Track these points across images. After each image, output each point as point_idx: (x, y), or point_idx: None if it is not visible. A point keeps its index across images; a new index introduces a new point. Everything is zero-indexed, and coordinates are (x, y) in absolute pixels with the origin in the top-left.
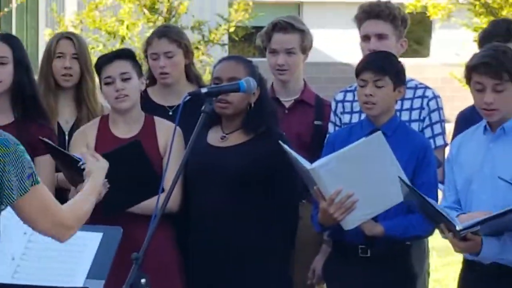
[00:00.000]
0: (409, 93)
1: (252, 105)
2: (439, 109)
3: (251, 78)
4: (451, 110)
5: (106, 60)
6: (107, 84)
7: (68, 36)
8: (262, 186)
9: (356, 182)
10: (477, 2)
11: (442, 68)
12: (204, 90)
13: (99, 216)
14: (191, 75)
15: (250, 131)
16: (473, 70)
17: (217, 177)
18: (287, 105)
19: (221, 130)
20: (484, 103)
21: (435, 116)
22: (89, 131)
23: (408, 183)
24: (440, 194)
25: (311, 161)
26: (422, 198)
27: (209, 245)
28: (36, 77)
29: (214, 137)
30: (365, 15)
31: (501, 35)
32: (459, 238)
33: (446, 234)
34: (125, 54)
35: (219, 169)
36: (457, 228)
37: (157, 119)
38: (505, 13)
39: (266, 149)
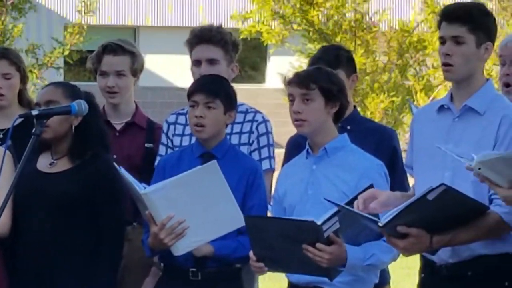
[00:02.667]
0: (239, 117)
1: (73, 128)
2: (268, 133)
3: (83, 101)
4: (285, 135)
5: None
6: None
7: None
8: (87, 212)
9: (189, 208)
10: (311, 29)
11: (277, 94)
12: (35, 112)
13: None
14: (24, 100)
15: (76, 157)
16: (287, 84)
17: (41, 203)
18: (118, 127)
19: (51, 155)
20: (293, 112)
21: (263, 140)
22: None
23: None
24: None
25: (142, 183)
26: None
27: (33, 271)
28: None
29: (43, 163)
30: (196, 40)
31: (330, 61)
32: (325, 242)
33: (310, 249)
34: None
35: (43, 195)
36: (318, 223)
37: None
38: (338, 39)
39: (92, 174)
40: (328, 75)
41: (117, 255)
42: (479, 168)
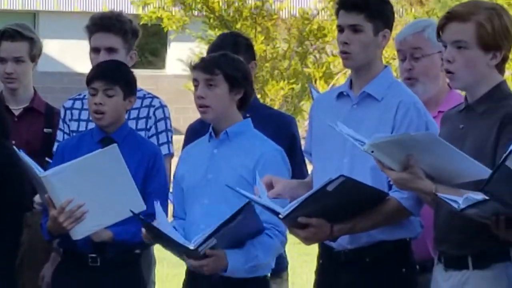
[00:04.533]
0: (137, 103)
1: None
2: (165, 118)
3: None
4: (185, 122)
5: None
6: None
7: None
8: None
9: (88, 192)
10: (212, 15)
11: (177, 80)
12: None
13: None
14: None
15: None
16: (192, 68)
17: None
18: (16, 113)
19: None
20: (197, 98)
21: (161, 126)
22: None
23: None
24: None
25: (42, 169)
26: (157, 230)
27: None
28: None
29: None
30: (96, 27)
31: (228, 48)
32: (201, 257)
33: (188, 261)
34: None
35: None
36: (191, 247)
37: None
38: (239, 26)
39: None
40: (233, 61)
41: (15, 242)
42: (372, 151)
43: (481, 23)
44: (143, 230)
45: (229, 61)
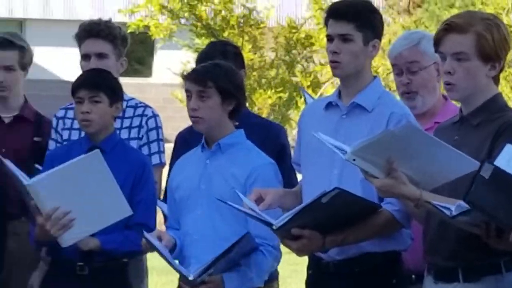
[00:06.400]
0: (129, 112)
1: None
2: (157, 128)
3: None
4: (172, 130)
5: None
6: None
7: None
8: None
9: (74, 199)
10: (199, 24)
11: (164, 88)
12: None
13: None
14: None
15: None
16: (184, 79)
17: None
18: (6, 121)
19: None
20: (189, 109)
21: (153, 135)
22: None
23: None
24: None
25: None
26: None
27: None
28: None
29: None
30: (85, 34)
31: (217, 57)
32: (198, 284)
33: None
34: None
35: None
36: (190, 278)
37: None
38: (226, 34)
39: None
40: (226, 72)
41: None
42: (354, 159)
43: (481, 34)
44: (144, 241)
45: (221, 72)
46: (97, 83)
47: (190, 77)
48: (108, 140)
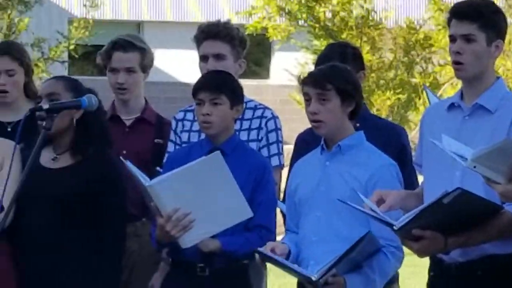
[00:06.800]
0: (248, 114)
1: (75, 122)
2: (277, 129)
3: (94, 96)
4: (290, 132)
5: None
6: None
7: None
8: (89, 208)
9: (194, 200)
10: (317, 25)
11: (281, 90)
12: (45, 106)
13: None
14: (30, 92)
15: (78, 152)
16: (302, 83)
17: (44, 199)
18: (128, 123)
19: (53, 150)
20: (309, 113)
21: (272, 137)
22: None
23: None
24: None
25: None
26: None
27: (36, 268)
28: None
29: (46, 158)
30: (203, 35)
31: (337, 58)
32: (322, 286)
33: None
34: None
35: (46, 192)
36: (313, 278)
37: None
38: (344, 36)
39: (95, 170)
40: (343, 74)
41: (119, 250)
42: (474, 166)
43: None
44: (257, 258)
45: (339, 74)
46: (218, 85)
47: (309, 81)
48: (229, 142)
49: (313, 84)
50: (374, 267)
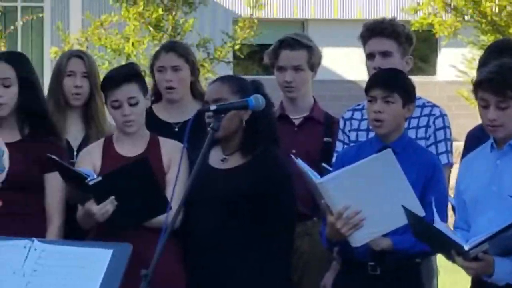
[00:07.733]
0: (416, 111)
1: (244, 123)
2: (445, 127)
3: (260, 96)
4: (457, 129)
5: (113, 84)
6: (114, 107)
7: (79, 55)
8: (259, 208)
9: (365, 198)
10: (484, 20)
11: (448, 86)
12: (213, 107)
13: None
14: (197, 92)
15: (247, 153)
16: (477, 86)
17: (215, 199)
18: (296, 122)
19: (222, 151)
20: (488, 120)
21: (440, 135)
22: (94, 150)
23: (411, 210)
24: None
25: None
26: (427, 224)
27: (205, 267)
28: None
29: (215, 158)
30: (369, 33)
31: (508, 54)
32: (470, 259)
33: (456, 258)
34: (132, 75)
35: (216, 192)
36: (465, 248)
37: (161, 137)
38: (511, 31)
39: (264, 170)
40: None
41: (289, 249)
42: None
43: None
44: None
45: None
46: (391, 83)
47: (487, 87)
48: (399, 140)
49: (493, 91)
50: None
